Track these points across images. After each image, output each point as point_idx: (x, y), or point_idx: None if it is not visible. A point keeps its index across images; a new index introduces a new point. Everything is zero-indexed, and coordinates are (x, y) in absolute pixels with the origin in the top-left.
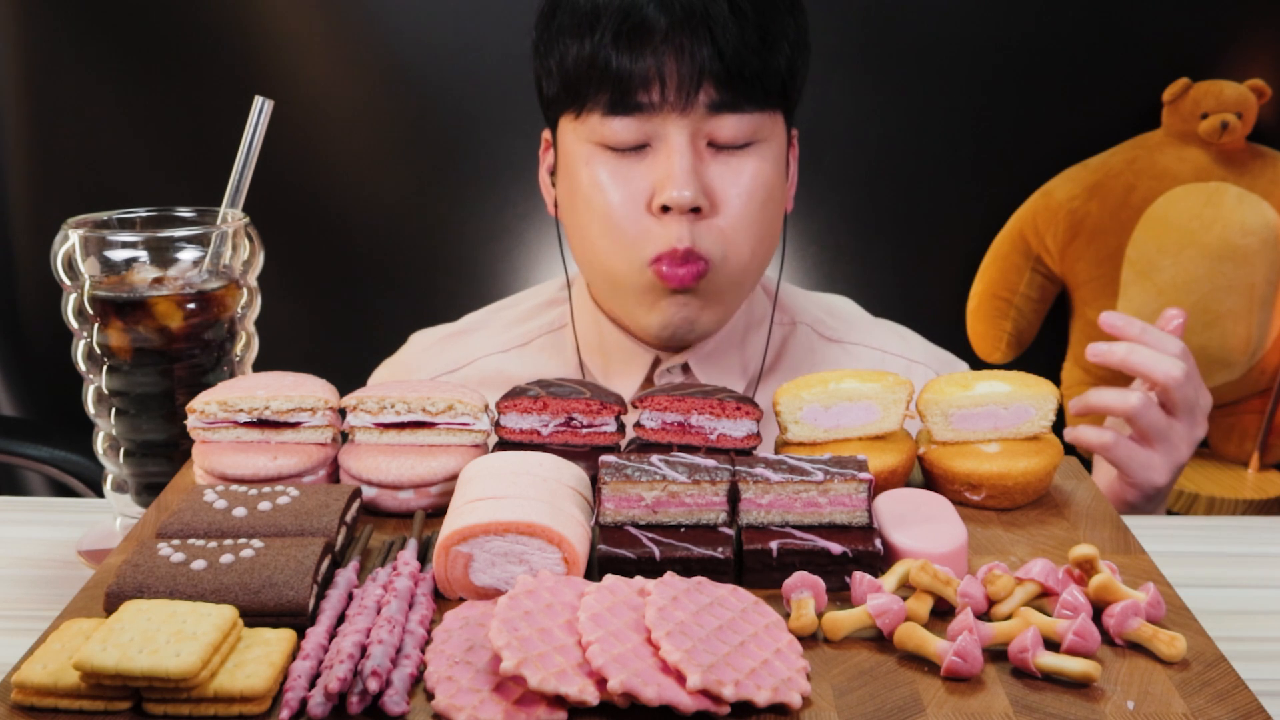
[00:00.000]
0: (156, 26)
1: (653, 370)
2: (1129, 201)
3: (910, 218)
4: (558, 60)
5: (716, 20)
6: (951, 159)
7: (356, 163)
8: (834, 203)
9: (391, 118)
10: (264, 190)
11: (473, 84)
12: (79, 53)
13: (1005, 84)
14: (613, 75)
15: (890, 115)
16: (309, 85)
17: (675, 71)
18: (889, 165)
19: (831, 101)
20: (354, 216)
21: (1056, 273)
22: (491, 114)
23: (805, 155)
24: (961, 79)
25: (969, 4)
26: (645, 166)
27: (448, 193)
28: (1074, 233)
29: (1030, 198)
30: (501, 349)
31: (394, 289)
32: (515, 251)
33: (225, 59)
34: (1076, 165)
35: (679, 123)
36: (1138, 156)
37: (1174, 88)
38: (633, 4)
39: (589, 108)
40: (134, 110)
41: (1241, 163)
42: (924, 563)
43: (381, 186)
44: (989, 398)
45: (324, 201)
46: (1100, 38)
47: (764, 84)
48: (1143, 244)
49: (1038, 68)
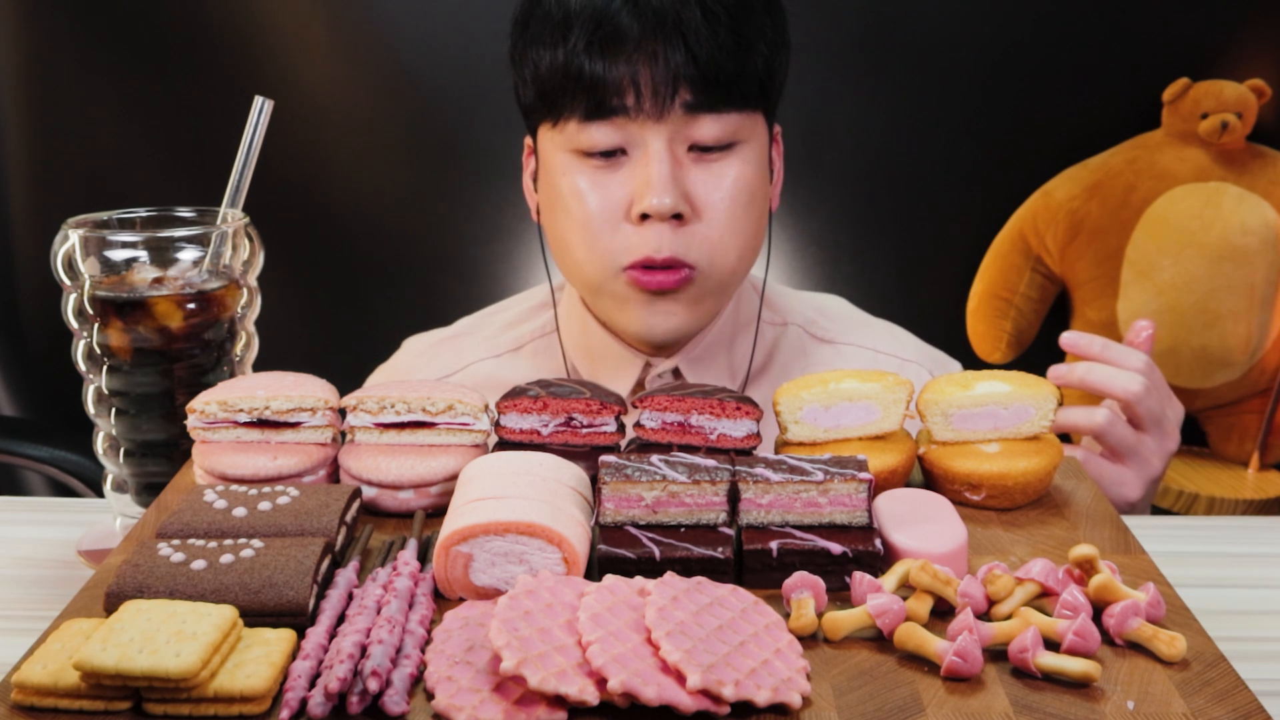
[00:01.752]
0: (157, 26)
1: (644, 374)
2: (1129, 201)
3: (910, 218)
4: (532, 69)
5: (689, 25)
6: (951, 159)
7: (356, 163)
8: (834, 203)
9: (391, 118)
10: (264, 190)
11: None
12: (79, 53)
13: (1005, 84)
14: (587, 82)
15: (890, 115)
16: (309, 85)
17: (650, 77)
18: (889, 165)
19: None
20: (354, 216)
21: (1056, 273)
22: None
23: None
24: (961, 79)
25: (969, 4)
26: (624, 174)
27: (448, 193)
28: (1074, 233)
29: (1030, 198)
30: (494, 354)
31: (394, 289)
32: (515, 251)
33: (225, 59)
34: (1076, 165)
35: (656, 129)
36: (1138, 156)
37: (1174, 88)
38: (605, 11)
39: (565, 116)
40: (134, 110)
41: (1241, 163)
42: (924, 563)
43: (381, 186)
44: (989, 398)
45: (324, 201)
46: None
47: (741, 86)
48: (1143, 244)
49: (1038, 68)
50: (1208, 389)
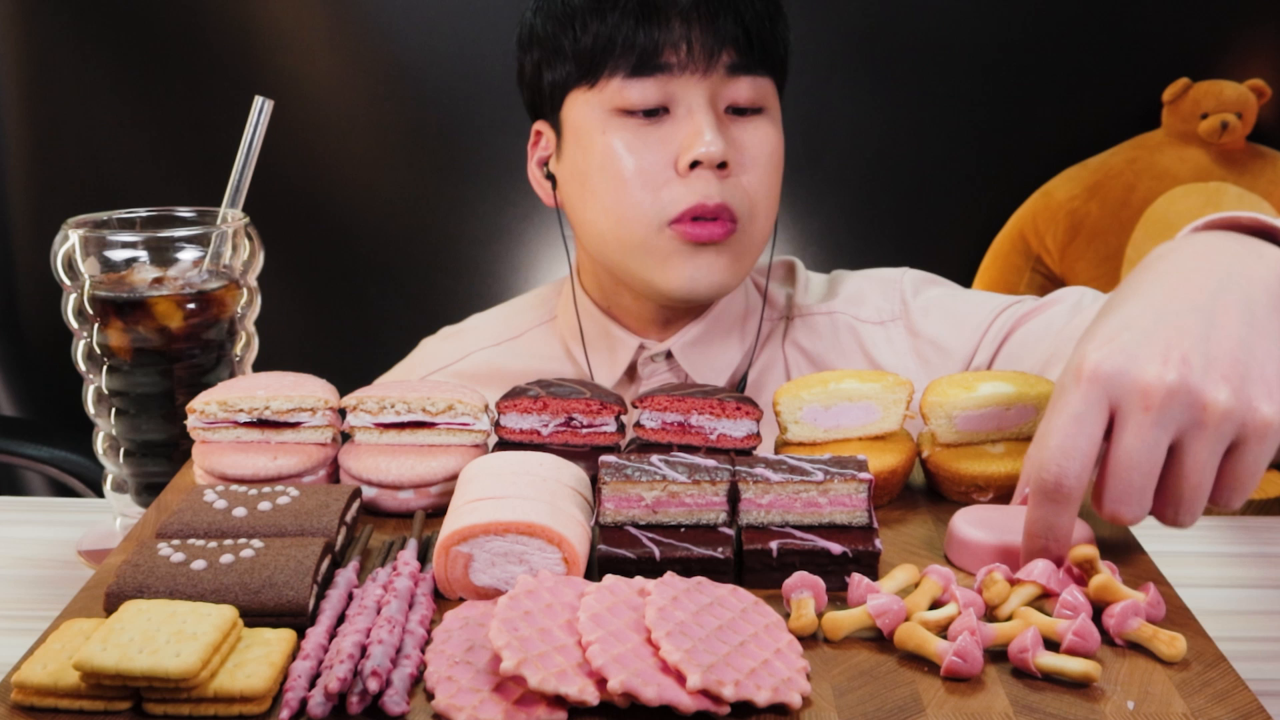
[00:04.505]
0: (157, 26)
1: (636, 355)
2: (1129, 201)
3: (910, 218)
4: (571, 40)
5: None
6: (951, 159)
7: (357, 163)
8: (834, 203)
9: (391, 118)
10: (264, 190)
11: (473, 84)
12: (79, 53)
13: (1005, 84)
14: (637, 41)
15: (890, 115)
16: (309, 85)
17: (700, 36)
18: (889, 165)
19: (831, 101)
20: (354, 216)
21: (1056, 273)
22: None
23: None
24: (961, 79)
25: (969, 4)
26: (666, 130)
27: (448, 193)
28: (1074, 233)
29: (1030, 198)
30: (494, 343)
31: (394, 289)
32: (515, 251)
33: (225, 59)
34: (1076, 165)
35: (700, 85)
36: (1138, 156)
37: (1174, 88)
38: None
39: (607, 74)
40: (134, 110)
41: (1241, 163)
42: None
43: (381, 186)
44: (992, 398)
45: (324, 201)
46: (1100, 38)
47: (775, 50)
48: (1143, 244)
49: (1038, 68)
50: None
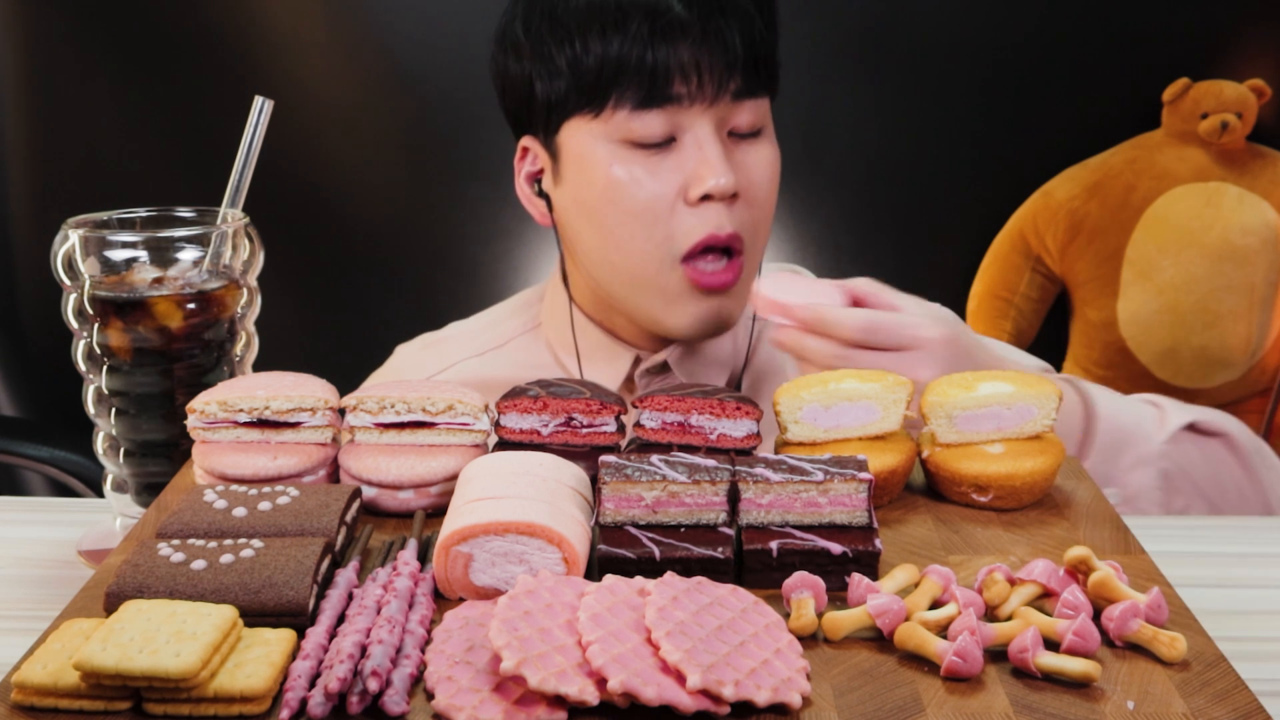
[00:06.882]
0: (156, 26)
1: (633, 369)
2: (1129, 201)
3: (910, 218)
4: (570, 57)
5: (740, 11)
6: (951, 158)
7: (356, 163)
8: (834, 203)
9: (391, 118)
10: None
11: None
12: (79, 53)
13: (1005, 84)
14: (647, 71)
15: (890, 115)
16: (309, 85)
17: (709, 63)
18: (889, 165)
19: (831, 101)
20: (354, 216)
21: (1056, 273)
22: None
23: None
24: (962, 79)
25: (969, 4)
26: (674, 160)
27: (448, 193)
28: (1074, 233)
29: (1030, 198)
30: (478, 353)
31: (394, 289)
32: (515, 251)
33: (225, 59)
34: (1076, 165)
35: (706, 114)
36: (1138, 156)
37: (1174, 88)
38: (659, 1)
39: (613, 105)
40: (134, 110)
41: (1241, 163)
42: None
43: (381, 186)
44: (992, 398)
45: (324, 201)
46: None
47: (774, 69)
48: (1143, 244)
49: (1038, 68)
50: (1208, 389)
